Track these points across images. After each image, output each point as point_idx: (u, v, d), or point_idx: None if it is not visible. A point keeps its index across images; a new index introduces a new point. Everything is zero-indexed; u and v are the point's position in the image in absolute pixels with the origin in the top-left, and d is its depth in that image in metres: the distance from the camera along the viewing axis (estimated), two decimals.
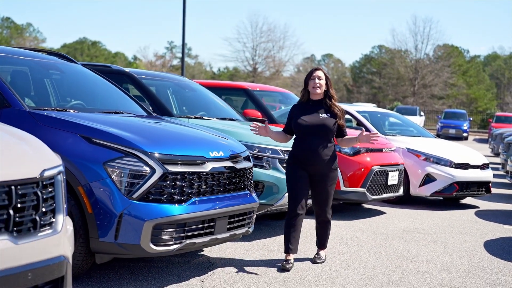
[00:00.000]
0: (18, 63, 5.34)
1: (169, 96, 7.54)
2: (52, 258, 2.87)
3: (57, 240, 2.93)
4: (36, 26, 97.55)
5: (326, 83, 5.35)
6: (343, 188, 7.92)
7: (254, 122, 5.55)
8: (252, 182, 5.31)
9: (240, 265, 5.33)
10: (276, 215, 7.34)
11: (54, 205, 2.97)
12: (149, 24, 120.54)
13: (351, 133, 8.99)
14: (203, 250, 5.76)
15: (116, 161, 4.25)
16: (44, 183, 2.88)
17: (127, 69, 7.23)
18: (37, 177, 2.82)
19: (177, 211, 4.33)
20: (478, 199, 10.92)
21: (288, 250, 5.30)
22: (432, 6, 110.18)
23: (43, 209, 2.86)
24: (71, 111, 4.91)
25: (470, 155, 10.01)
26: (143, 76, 7.29)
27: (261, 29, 61.13)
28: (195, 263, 5.32)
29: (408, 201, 9.77)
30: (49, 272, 2.84)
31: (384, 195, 8.37)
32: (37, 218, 2.82)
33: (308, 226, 7.15)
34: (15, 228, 2.70)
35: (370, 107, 14.52)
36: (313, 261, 5.57)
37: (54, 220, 2.95)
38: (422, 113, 41.64)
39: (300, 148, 5.29)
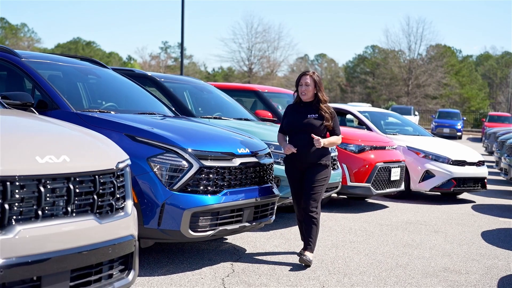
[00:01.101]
0: (60, 69, 5.87)
1: (186, 98, 8.06)
2: (125, 236, 3.41)
3: (127, 222, 3.47)
4: (31, 27, 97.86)
5: (315, 87, 5.52)
6: (349, 183, 8.48)
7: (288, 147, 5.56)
8: (273, 176, 5.85)
9: (262, 251, 5.87)
10: (290, 208, 7.87)
11: (124, 192, 3.50)
12: (143, 24, 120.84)
13: (354, 131, 9.57)
14: (227, 239, 6.31)
15: (158, 157, 4.78)
16: (118, 173, 3.43)
17: (149, 73, 7.75)
18: (114, 168, 3.37)
19: (212, 201, 4.87)
20: (474, 194, 11.50)
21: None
22: (424, 6, 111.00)
23: (117, 195, 3.41)
24: (112, 112, 5.44)
25: (467, 152, 10.59)
26: (162, 79, 7.81)
27: (256, 30, 61.66)
28: (222, 249, 5.87)
29: (408, 196, 10.34)
30: (122, 248, 3.38)
31: (387, 190, 8.94)
32: (113, 203, 3.37)
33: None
34: (98, 211, 3.24)
35: (367, 107, 15.07)
36: (299, 257, 5.42)
37: (125, 205, 3.49)
38: (416, 113, 42.31)
39: (292, 146, 5.53)
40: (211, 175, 4.93)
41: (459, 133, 35.48)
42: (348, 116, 12.02)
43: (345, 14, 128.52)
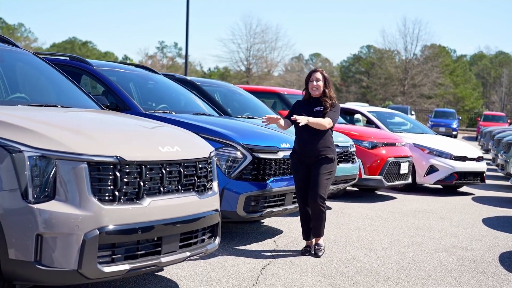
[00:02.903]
0: (125, 75, 6.83)
1: (218, 99, 9.02)
2: (213, 210, 4.39)
3: (215, 199, 4.45)
4: (28, 26, 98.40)
5: (325, 83, 5.75)
6: (364, 176, 9.48)
7: (266, 115, 5.84)
8: None
9: (297, 232, 6.85)
10: None
11: (212, 176, 4.48)
12: (138, 24, 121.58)
13: (367, 130, 10.55)
14: (264, 222, 7.29)
15: (218, 150, 5.74)
16: (209, 161, 4.40)
17: (188, 77, 8.72)
18: (207, 157, 4.35)
19: (261, 187, 5.84)
20: (473, 187, 12.52)
21: (309, 238, 5.90)
22: (418, 5, 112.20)
23: (209, 178, 4.38)
24: (173, 112, 6.41)
25: (467, 149, 11.61)
26: (199, 83, 8.78)
27: (255, 31, 62.61)
28: (264, 230, 6.87)
29: (413, 188, 11.35)
30: (211, 219, 4.36)
31: (397, 182, 9.95)
32: (206, 183, 4.34)
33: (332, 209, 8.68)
34: (197, 189, 4.21)
35: (375, 107, 16.06)
36: (315, 254, 5.79)
37: (212, 185, 4.47)
38: (413, 112, 43.39)
39: (298, 141, 5.78)
40: (260, 165, 5.90)
41: (454, 132, 36.55)
42: (357, 116, 13.02)
43: (339, 14, 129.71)
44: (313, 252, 5.84)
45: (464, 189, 12.32)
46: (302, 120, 5.49)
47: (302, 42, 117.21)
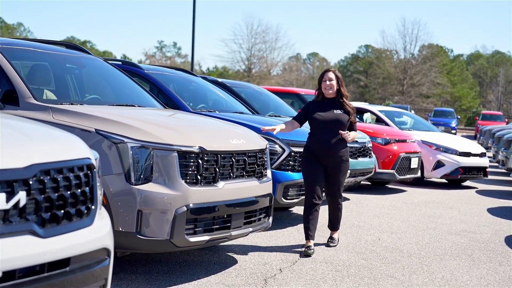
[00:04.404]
0: (170, 78, 7.62)
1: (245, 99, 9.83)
2: (268, 193, 5.19)
3: (269, 184, 5.26)
4: (27, 26, 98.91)
5: (338, 83, 5.80)
6: (378, 170, 10.31)
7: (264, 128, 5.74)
8: None
9: (324, 218, 7.66)
10: None
11: (267, 164, 5.29)
12: (137, 23, 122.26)
13: (380, 127, 11.37)
14: (292, 210, 8.11)
15: None
16: (265, 151, 5.22)
17: (220, 79, 9.53)
18: (264, 148, 5.17)
19: (297, 176, 6.64)
20: (476, 182, 13.37)
21: (308, 237, 5.77)
22: (415, 5, 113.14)
23: (265, 166, 5.20)
24: (216, 111, 7.22)
25: (471, 145, 12.47)
26: (228, 84, 9.59)
27: (256, 31, 63.45)
28: (294, 217, 7.68)
29: (420, 183, 12.20)
30: (267, 201, 5.17)
31: (407, 176, 10.79)
32: (263, 171, 5.16)
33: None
34: (257, 176, 5.03)
35: (383, 107, 16.88)
36: (327, 245, 6.08)
37: (267, 172, 5.28)
38: (412, 111, 44.26)
39: (316, 141, 5.77)
40: (296, 158, 6.71)
41: (453, 131, 37.41)
42: (368, 115, 13.84)
43: (336, 14, 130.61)
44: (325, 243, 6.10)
45: (467, 183, 13.17)
46: (348, 135, 5.68)
47: (300, 42, 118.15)
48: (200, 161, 4.42)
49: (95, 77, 5.88)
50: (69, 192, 2.66)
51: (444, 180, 12.86)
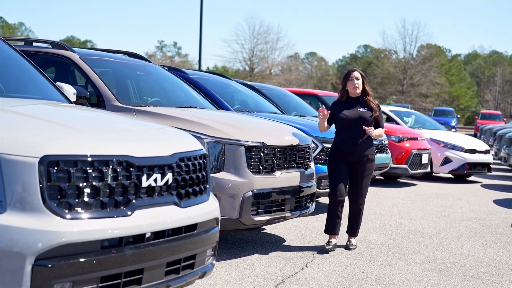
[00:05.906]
0: (210, 82, 8.50)
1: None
2: (313, 182, 6.07)
3: (313, 175, 6.13)
4: (28, 25, 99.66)
5: (363, 81, 5.99)
6: (392, 165, 11.20)
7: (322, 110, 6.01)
8: None
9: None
10: None
11: (311, 158, 6.16)
12: (137, 23, 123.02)
13: (393, 126, 12.26)
14: (319, 200, 9.00)
15: None
16: (310, 146, 6.09)
17: (249, 82, 10.41)
18: (309, 144, 6.05)
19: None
20: (480, 177, 14.29)
21: (331, 232, 5.93)
22: (413, 5, 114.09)
23: (310, 159, 6.08)
24: (254, 112, 8.09)
25: (476, 142, 13.38)
26: (257, 87, 10.45)
27: (258, 31, 64.28)
28: (324, 205, 8.57)
29: (429, 177, 13.10)
30: (311, 189, 6.03)
31: (419, 171, 11.70)
32: (308, 163, 6.04)
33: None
34: (303, 167, 5.90)
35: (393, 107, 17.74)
36: (346, 247, 6.02)
37: (310, 165, 6.15)
38: (413, 110, 45.16)
39: (341, 139, 5.93)
40: (327, 153, 7.58)
41: (453, 130, 38.29)
42: None
43: (335, 14, 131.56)
44: (344, 246, 6.04)
45: (472, 178, 14.07)
46: (372, 131, 5.76)
47: (298, 41, 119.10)
48: (262, 154, 5.30)
49: (160, 83, 6.75)
50: (194, 175, 3.54)
51: (450, 175, 13.76)
